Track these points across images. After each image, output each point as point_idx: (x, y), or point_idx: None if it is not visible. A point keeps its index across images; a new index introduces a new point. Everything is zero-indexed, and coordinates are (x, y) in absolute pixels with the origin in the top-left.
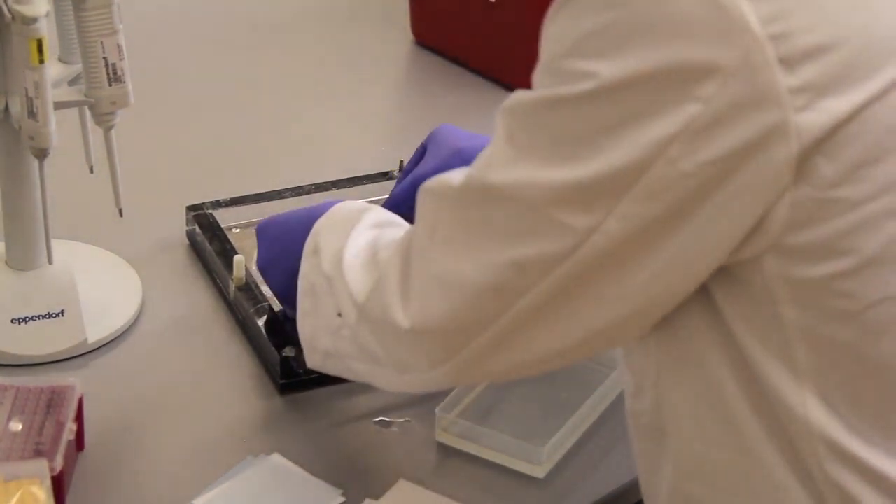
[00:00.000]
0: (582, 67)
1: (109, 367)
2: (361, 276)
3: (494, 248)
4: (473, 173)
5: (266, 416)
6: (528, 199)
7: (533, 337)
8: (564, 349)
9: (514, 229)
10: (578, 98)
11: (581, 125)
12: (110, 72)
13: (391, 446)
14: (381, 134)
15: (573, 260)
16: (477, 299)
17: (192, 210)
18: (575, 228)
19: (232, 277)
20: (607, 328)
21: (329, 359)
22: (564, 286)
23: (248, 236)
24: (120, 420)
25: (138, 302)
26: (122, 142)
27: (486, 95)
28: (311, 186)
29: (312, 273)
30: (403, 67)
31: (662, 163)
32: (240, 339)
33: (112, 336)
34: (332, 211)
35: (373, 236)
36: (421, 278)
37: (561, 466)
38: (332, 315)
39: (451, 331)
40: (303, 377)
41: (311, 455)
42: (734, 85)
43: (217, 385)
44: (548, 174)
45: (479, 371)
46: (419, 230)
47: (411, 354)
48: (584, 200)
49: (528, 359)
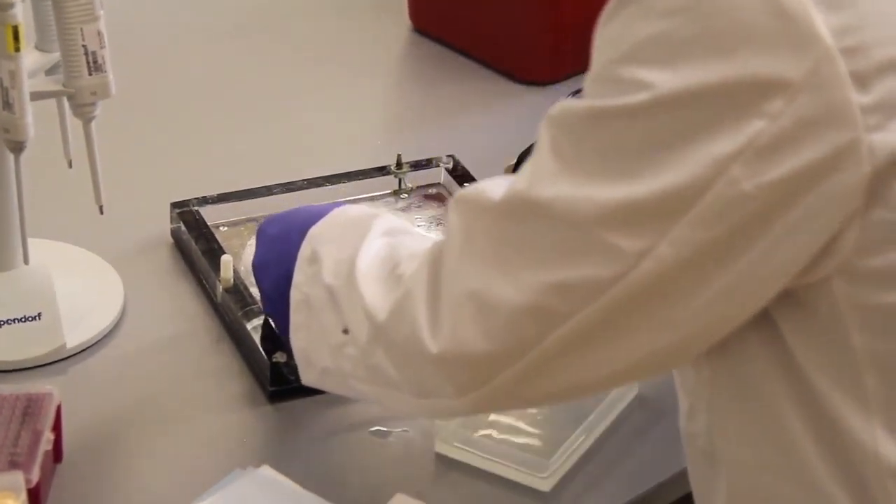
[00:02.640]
0: (637, 76)
1: (89, 373)
2: (380, 292)
3: (536, 267)
4: (516, 186)
5: (255, 426)
6: (575, 217)
7: (571, 365)
8: (603, 378)
9: (559, 249)
10: (632, 110)
11: (634, 140)
12: (90, 60)
13: (388, 458)
14: (376, 127)
15: (621, 286)
16: (514, 323)
17: (176, 207)
18: (624, 252)
19: (219, 278)
20: (652, 357)
21: (327, 376)
22: (609, 313)
23: (235, 235)
24: (100, 430)
25: (120, 305)
26: (103, 135)
27: (489, 85)
28: (303, 182)
29: (308, 284)
30: (400, 56)
31: (722, 184)
32: (227, 344)
33: (92, 341)
34: (333, 216)
35: (387, 246)
36: (452, 297)
37: (568, 479)
38: (334, 331)
39: (484, 357)
40: (294, 384)
41: (302, 467)
42: (802, 101)
43: (203, 393)
44: (596, 192)
45: (509, 400)
46: (452, 244)
47: (435, 380)
48: (635, 222)
49: (563, 387)
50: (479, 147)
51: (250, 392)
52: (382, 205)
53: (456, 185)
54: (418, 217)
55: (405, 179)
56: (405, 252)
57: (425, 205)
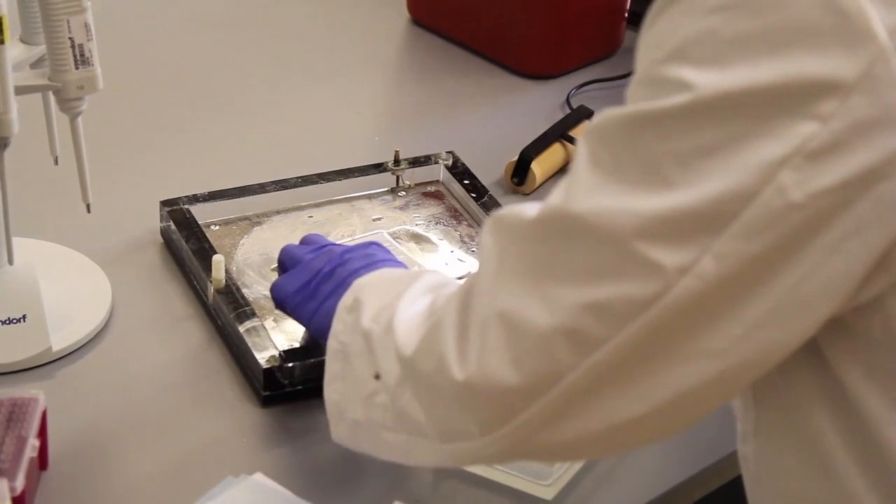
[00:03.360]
0: (678, 76)
1: (76, 377)
2: (413, 330)
3: (570, 286)
4: (552, 202)
5: (247, 432)
6: (612, 231)
7: (605, 400)
8: (644, 416)
9: (594, 267)
10: (671, 113)
11: (674, 146)
12: (77, 53)
13: (385, 465)
14: (373, 122)
15: (661, 305)
16: (545, 347)
17: (166, 205)
18: (664, 268)
19: (210, 279)
20: (697, 389)
21: (358, 430)
22: (649, 337)
23: (227, 234)
24: (87, 436)
25: (107, 306)
26: (90, 131)
27: (490, 79)
28: (297, 179)
29: (346, 332)
30: (398, 48)
31: (770, 192)
32: (219, 347)
33: (79, 343)
34: (381, 271)
35: (432, 298)
36: (481, 320)
37: (571, 487)
38: (367, 377)
39: (512, 385)
40: (287, 388)
41: (296, 474)
42: (856, 102)
43: (194, 397)
44: (635, 203)
45: (537, 442)
46: (485, 267)
47: (460, 417)
48: (676, 235)
49: (599, 427)
50: (480, 143)
51: (243, 396)
52: (380, 203)
53: (455, 183)
54: (416, 215)
55: (403, 176)
56: (445, 292)
57: (424, 203)
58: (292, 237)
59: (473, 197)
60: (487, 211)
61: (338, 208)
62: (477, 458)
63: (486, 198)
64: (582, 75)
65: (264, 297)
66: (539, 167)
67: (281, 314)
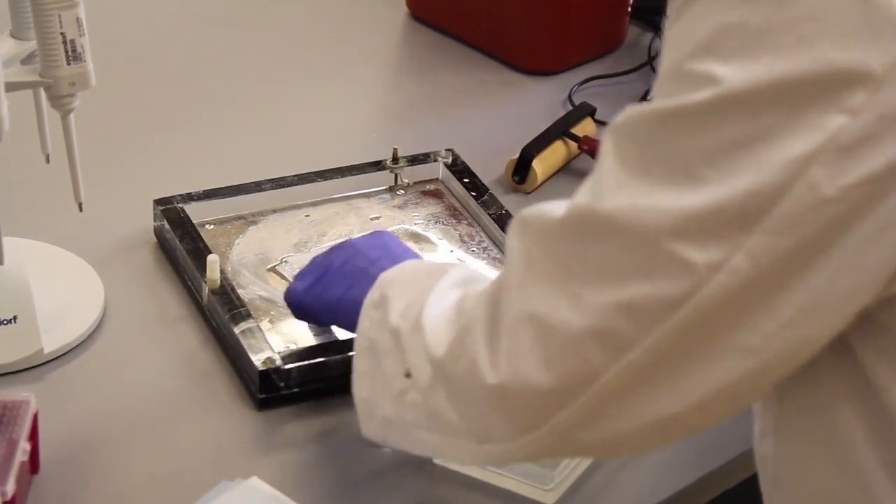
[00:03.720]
0: (704, 70)
1: (68, 379)
2: (442, 330)
3: (600, 287)
4: (578, 202)
5: (243, 435)
6: (641, 229)
7: (639, 400)
8: (679, 414)
9: (624, 266)
10: (698, 108)
11: (702, 142)
12: (69, 49)
13: (383, 469)
14: (371, 119)
15: (693, 304)
16: (576, 348)
17: (160, 204)
18: (695, 266)
19: (205, 279)
20: (731, 387)
21: (389, 427)
22: (681, 336)
23: (222, 233)
24: (79, 439)
25: (100, 307)
26: (82, 128)
27: (490, 75)
28: (294, 178)
29: (374, 329)
30: (397, 44)
31: (801, 188)
32: (213, 349)
33: (71, 345)
34: (406, 263)
35: (460, 294)
36: (511, 323)
37: (572, 492)
38: (397, 375)
39: (545, 388)
40: (283, 391)
41: (293, 479)
42: (886, 94)
43: (188, 400)
44: (664, 200)
45: (572, 442)
46: (512, 268)
47: (494, 419)
48: (706, 233)
49: (633, 427)
50: (480, 140)
51: (238, 399)
52: (378, 201)
53: (455, 181)
54: (415, 214)
55: (401, 175)
56: (473, 291)
57: (423, 201)
58: (288, 237)
59: (473, 196)
60: (488, 210)
61: (335, 207)
62: (513, 459)
63: (486, 196)
64: (584, 71)
65: (259, 298)
66: (540, 165)
67: (277, 315)
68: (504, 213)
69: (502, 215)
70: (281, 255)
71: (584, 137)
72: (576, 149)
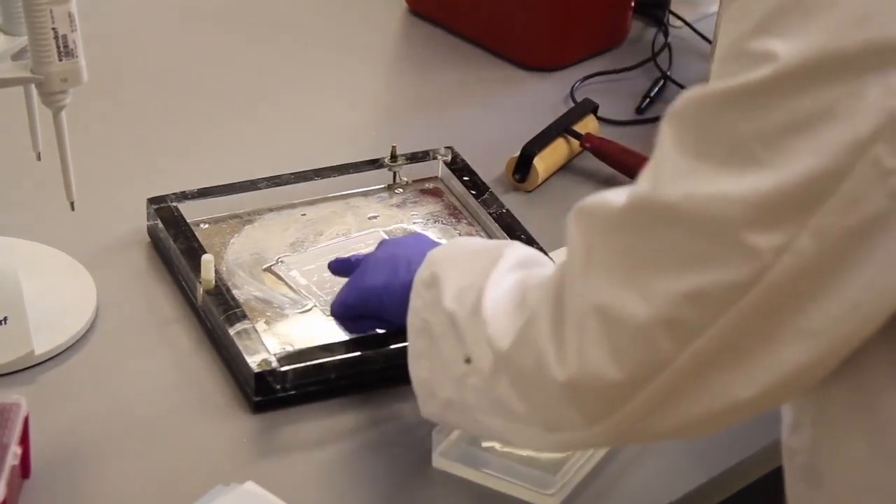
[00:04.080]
0: (762, 48)
1: (59, 382)
2: (505, 321)
3: (666, 276)
4: (639, 190)
5: (238, 439)
6: (705, 217)
7: (711, 385)
8: (748, 399)
9: (688, 254)
10: (755, 88)
11: (762, 123)
12: (60, 45)
13: (381, 474)
14: (369, 116)
15: (759, 288)
16: (645, 339)
17: (154, 203)
18: (760, 250)
19: (199, 279)
20: (798, 371)
21: (450, 409)
22: (749, 320)
23: (217, 232)
24: (71, 443)
25: (92, 308)
26: (74, 125)
27: (490, 71)
28: (290, 176)
29: (427, 309)
30: (395, 39)
31: (864, 165)
32: (208, 351)
33: (62, 347)
34: (455, 241)
35: (519, 278)
36: (577, 316)
37: (575, 496)
38: (456, 360)
39: (615, 380)
40: (280, 393)
41: (289, 483)
42: None
43: (182, 403)
44: (727, 186)
45: (645, 428)
46: (573, 260)
47: (564, 410)
48: (770, 216)
49: (703, 412)
50: (480, 138)
51: (233, 402)
52: (376, 200)
53: (454, 179)
54: (414, 213)
55: (400, 173)
56: (534, 282)
57: (422, 200)
58: (285, 236)
59: (473, 194)
60: (488, 209)
61: (332, 206)
62: (583, 446)
63: (486, 195)
64: (586, 67)
65: (255, 299)
66: (542, 163)
67: (273, 316)
68: (504, 213)
69: (503, 214)
70: (277, 255)
71: (587, 135)
72: (578, 146)
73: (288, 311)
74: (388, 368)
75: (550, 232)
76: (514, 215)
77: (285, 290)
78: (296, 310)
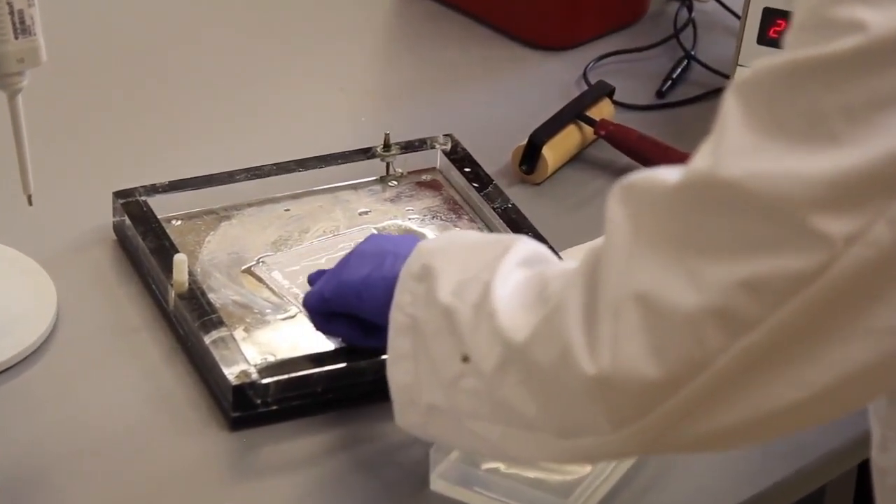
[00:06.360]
0: (849, 16)
1: (15, 395)
2: (521, 314)
3: (722, 261)
4: (697, 167)
5: (214, 459)
6: (773, 198)
7: (756, 387)
8: (801, 403)
9: (750, 238)
10: (840, 58)
11: (844, 97)
12: (17, 21)
13: (373, 497)
14: (359, 101)
15: (825, 279)
16: (692, 330)
17: (120, 197)
18: (831, 238)
19: (171, 282)
20: (861, 373)
21: (434, 417)
22: (809, 315)
23: (191, 230)
24: (27, 463)
25: (52, 314)
26: (32, 111)
27: (493, 51)
28: (272, 167)
29: (417, 305)
30: (389, 15)
31: None
32: (181, 361)
33: (19, 356)
34: (450, 233)
35: (531, 274)
36: (613, 301)
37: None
38: (451, 359)
39: (652, 375)
40: (261, 408)
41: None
42: None
43: (152, 419)
44: (800, 164)
45: (676, 435)
46: (615, 241)
47: (587, 410)
48: (847, 200)
49: (750, 417)
50: (482, 125)
51: (208, 418)
52: (367, 194)
53: (454, 170)
54: (409, 208)
55: (394, 164)
56: (553, 273)
57: (418, 194)
58: (266, 234)
59: (475, 187)
60: (491, 203)
61: (319, 200)
62: (602, 455)
63: (489, 188)
64: (601, 45)
65: (233, 304)
66: (551, 152)
67: (253, 322)
68: (510, 207)
69: (508, 209)
70: (257, 255)
71: (601, 121)
72: (591, 134)
73: (269, 316)
74: (380, 381)
75: (560, 228)
76: (521, 210)
77: (267, 293)
78: (278, 315)
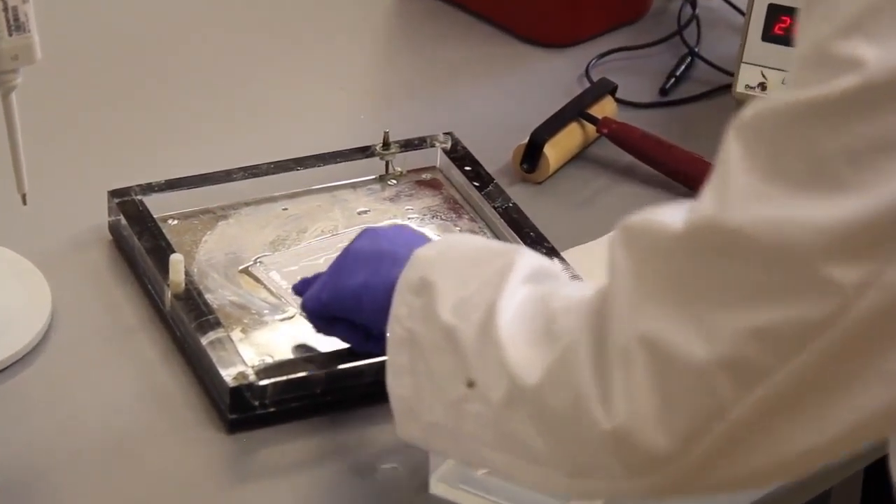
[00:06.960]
0: (850, 53)
1: (9, 398)
2: (530, 353)
3: (729, 311)
4: (701, 212)
5: (211, 461)
6: (782, 247)
7: (775, 434)
8: (818, 447)
9: (758, 287)
10: (840, 99)
11: (847, 139)
12: (10, 18)
13: (372, 500)
14: (358, 99)
15: (838, 328)
16: (704, 381)
17: (116, 196)
18: (841, 285)
19: (168, 282)
20: (875, 417)
21: (436, 433)
22: (823, 363)
23: (188, 229)
24: (23, 464)
25: (47, 314)
26: (27, 109)
27: (494, 48)
28: (269, 166)
29: (415, 319)
30: (388, 12)
31: None
32: (178, 362)
33: (13, 358)
34: (448, 240)
35: (534, 297)
36: (623, 351)
37: None
38: (453, 381)
39: (667, 435)
40: (258, 411)
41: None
42: None
43: (148, 421)
44: (805, 210)
45: (692, 483)
46: (620, 287)
47: (601, 458)
48: (854, 246)
49: (765, 464)
50: (483, 123)
51: (205, 420)
52: (366, 193)
53: (455, 169)
54: (409, 208)
55: (393, 162)
56: (559, 304)
57: (418, 193)
58: (263, 233)
59: (476, 186)
60: (492, 202)
61: (317, 199)
62: (614, 496)
63: (490, 187)
64: (604, 42)
65: (230, 304)
66: (553, 151)
67: (250, 323)
68: (511, 207)
69: (509, 209)
70: (254, 255)
71: (604, 119)
72: (594, 132)
73: (267, 317)
74: (379, 383)
75: (562, 228)
76: (522, 210)
77: (264, 294)
78: (276, 316)
